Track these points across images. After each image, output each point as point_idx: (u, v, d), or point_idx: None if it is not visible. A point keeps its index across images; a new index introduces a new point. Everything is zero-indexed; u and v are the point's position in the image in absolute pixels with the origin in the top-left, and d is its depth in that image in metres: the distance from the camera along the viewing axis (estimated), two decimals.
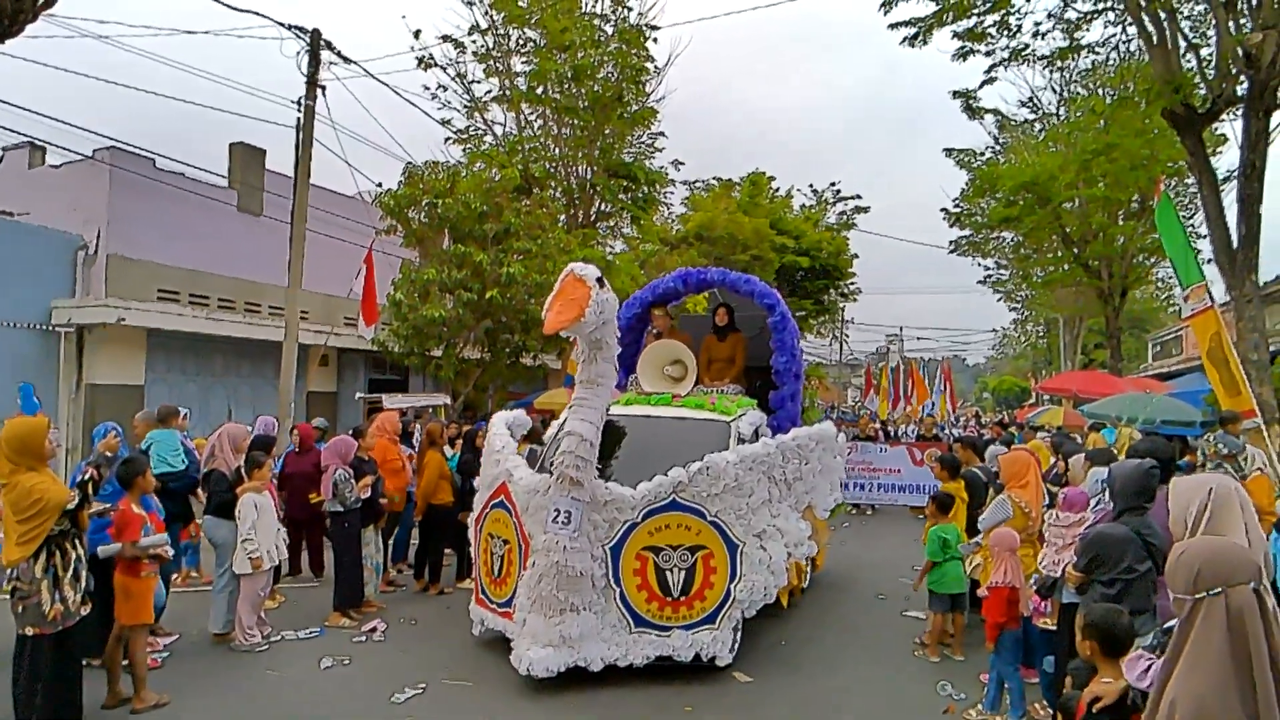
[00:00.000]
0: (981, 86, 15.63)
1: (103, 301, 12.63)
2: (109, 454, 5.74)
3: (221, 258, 15.04)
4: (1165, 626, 3.47)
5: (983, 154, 23.70)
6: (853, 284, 30.79)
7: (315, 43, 13.25)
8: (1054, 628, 5.64)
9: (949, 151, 23.15)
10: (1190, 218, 20.41)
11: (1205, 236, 12.65)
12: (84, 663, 5.23)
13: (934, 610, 7.03)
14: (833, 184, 32.08)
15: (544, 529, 5.80)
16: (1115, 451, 8.69)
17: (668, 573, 6.01)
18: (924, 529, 8.19)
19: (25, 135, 13.73)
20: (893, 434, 18.93)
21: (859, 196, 31.63)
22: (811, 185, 32.04)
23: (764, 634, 7.13)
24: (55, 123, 20.01)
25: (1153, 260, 22.91)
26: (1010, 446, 10.29)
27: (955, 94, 19.00)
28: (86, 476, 4.91)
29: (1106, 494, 5.07)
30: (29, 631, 4.66)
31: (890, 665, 6.78)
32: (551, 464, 6.24)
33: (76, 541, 4.86)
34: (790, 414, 8.07)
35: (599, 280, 5.63)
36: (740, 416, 7.23)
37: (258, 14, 11.96)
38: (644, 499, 5.96)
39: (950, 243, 26.22)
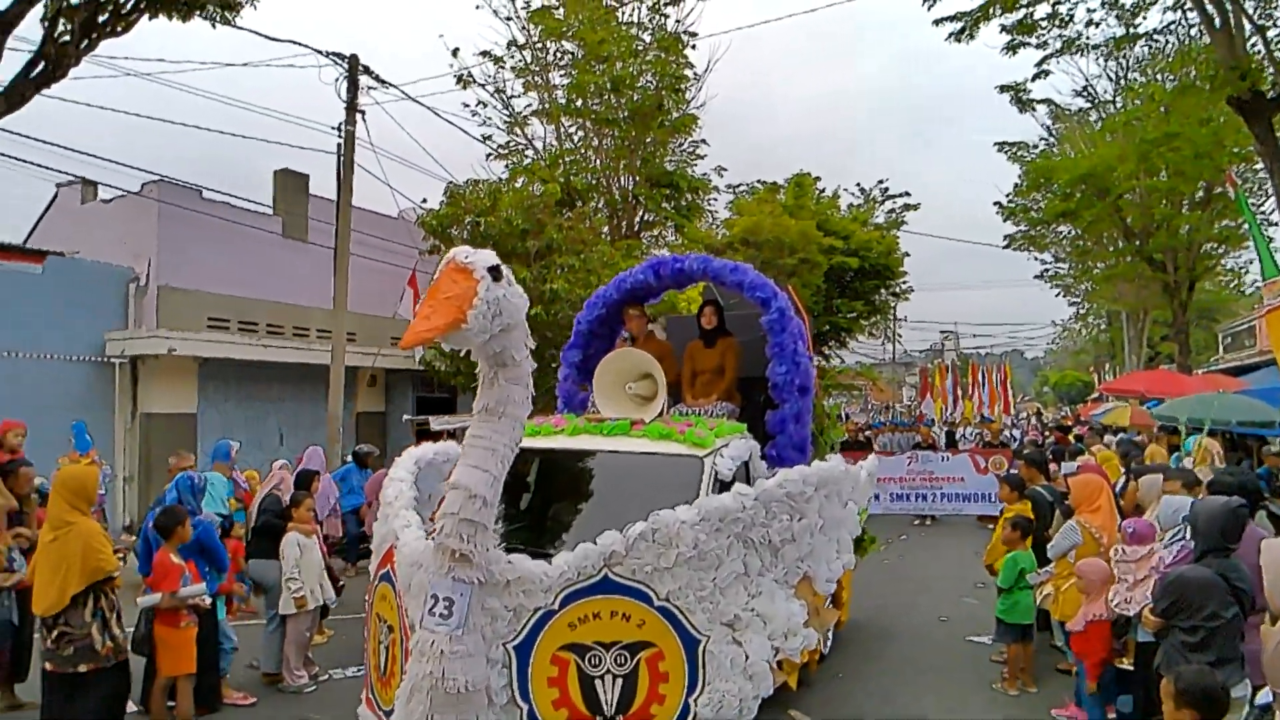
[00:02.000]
0: (1034, 80, 15.11)
1: (154, 333, 12.82)
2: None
3: (268, 284, 15.20)
4: (1261, 703, 3.18)
5: (1035, 146, 22.98)
6: (904, 283, 30.14)
7: (353, 68, 13.32)
8: (1130, 667, 5.33)
9: (1000, 146, 22.49)
10: (1259, 205, 19.51)
11: (1278, 225, 12.01)
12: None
13: (1003, 641, 6.69)
14: (880, 182, 31.39)
15: (420, 621, 4.13)
16: (1192, 465, 8.24)
17: (598, 681, 4.29)
18: (988, 545, 7.84)
19: (74, 175, 14.04)
20: (954, 437, 18.41)
21: (908, 194, 30.93)
22: (859, 184, 31.43)
23: (820, 665, 6.85)
24: (104, 161, 20.53)
25: (1221, 249, 21.96)
26: (1077, 459, 9.88)
27: (1003, 88, 18.42)
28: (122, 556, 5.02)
29: (1188, 530, 4.72)
30: (82, 669, 4.84)
31: (956, 697, 6.49)
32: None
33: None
34: (794, 439, 6.28)
35: (493, 270, 3.92)
36: (718, 450, 5.46)
37: (296, 43, 12.04)
38: (563, 577, 4.26)
39: (1005, 237, 25.45)
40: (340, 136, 13.38)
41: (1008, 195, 23.46)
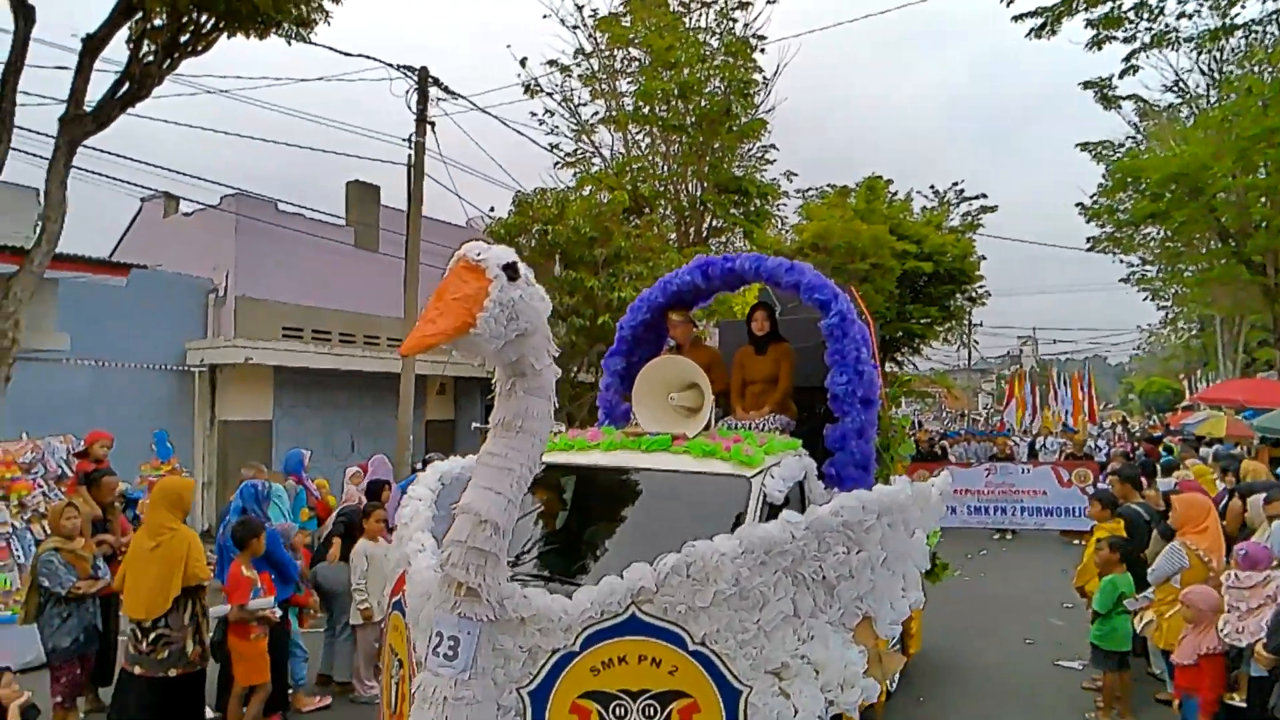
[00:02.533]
0: (1122, 76, 14.46)
1: (231, 342, 13.15)
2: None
3: (341, 294, 15.48)
4: None
5: (1121, 145, 22.04)
6: (981, 287, 29.36)
7: (423, 81, 13.47)
8: (1242, 704, 4.93)
9: (1083, 145, 21.63)
10: None
11: None
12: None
13: (1099, 668, 6.31)
14: (955, 184, 30.62)
15: (424, 661, 3.77)
16: None
17: None
18: (1079, 566, 7.45)
19: (157, 190, 14.51)
20: (1035, 448, 17.67)
21: (984, 196, 30.10)
22: (933, 186, 30.64)
23: (900, 690, 6.57)
24: (185, 176, 21.29)
25: None
26: (1173, 474, 9.36)
27: (1086, 84, 17.71)
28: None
29: None
30: (172, 673, 5.09)
31: None
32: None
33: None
34: (856, 456, 5.63)
35: (509, 268, 3.51)
36: (768, 469, 4.82)
37: (368, 57, 12.20)
38: (584, 615, 3.77)
39: (1088, 239, 24.49)
40: (410, 148, 13.54)
41: (1091, 196, 22.56)
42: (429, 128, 13.53)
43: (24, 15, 9.09)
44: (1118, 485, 7.51)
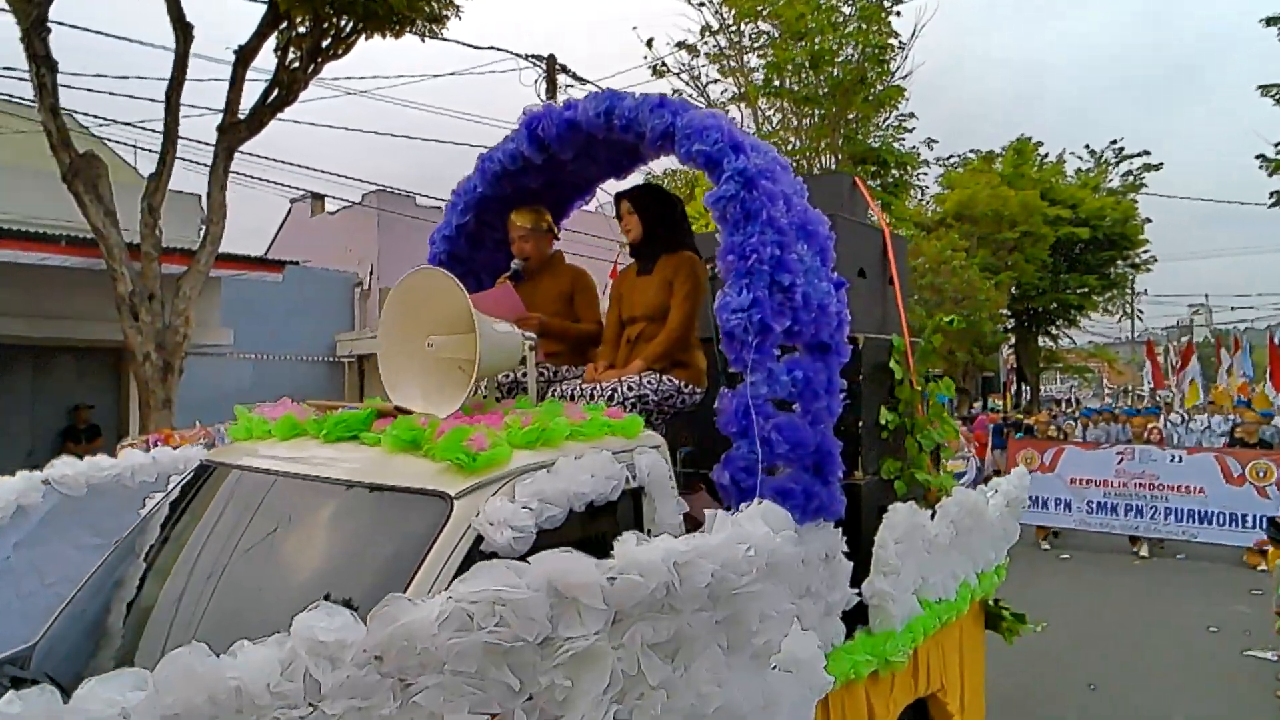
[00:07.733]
0: None
1: (376, 333, 13.75)
2: None
3: None
4: None
5: None
6: (1145, 252, 27.35)
7: (551, 68, 13.61)
8: None
9: (1264, 89, 19.62)
10: None
11: None
12: None
13: None
14: (1113, 142, 28.49)
15: None
16: None
17: None
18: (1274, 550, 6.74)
19: (305, 190, 15.33)
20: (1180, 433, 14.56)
21: (1147, 153, 27.89)
22: (1088, 146, 28.64)
23: (1070, 674, 6.11)
24: (330, 176, 22.45)
25: None
26: None
27: (1270, 20, 16.03)
28: None
29: None
30: None
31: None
32: None
33: None
34: (797, 448, 2.90)
35: None
36: (502, 480, 2.28)
37: (497, 48, 12.41)
38: None
39: (1271, 194, 22.29)
40: None
41: (1275, 145, 20.50)
42: None
43: (184, 32, 9.70)
44: None
